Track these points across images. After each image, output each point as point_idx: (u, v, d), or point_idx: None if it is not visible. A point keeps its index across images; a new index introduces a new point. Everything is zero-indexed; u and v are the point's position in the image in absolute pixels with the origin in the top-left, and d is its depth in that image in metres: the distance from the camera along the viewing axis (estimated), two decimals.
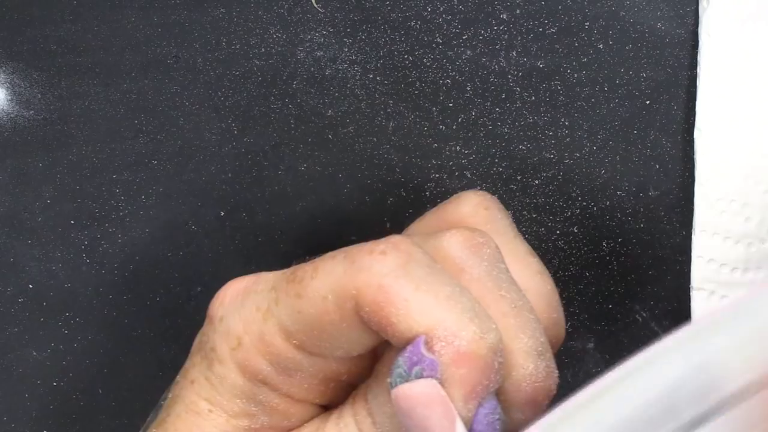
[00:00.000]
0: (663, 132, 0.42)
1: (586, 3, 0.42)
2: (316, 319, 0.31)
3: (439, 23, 0.42)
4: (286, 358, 0.32)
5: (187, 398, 0.34)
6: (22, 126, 0.43)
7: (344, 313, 0.30)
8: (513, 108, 0.42)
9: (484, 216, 0.34)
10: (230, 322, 0.33)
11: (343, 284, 0.30)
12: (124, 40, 0.42)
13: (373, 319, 0.30)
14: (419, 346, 0.29)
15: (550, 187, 0.43)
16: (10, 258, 0.43)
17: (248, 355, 0.32)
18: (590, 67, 0.42)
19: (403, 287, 0.30)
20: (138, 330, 0.44)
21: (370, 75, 0.42)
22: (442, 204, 0.35)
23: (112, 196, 0.43)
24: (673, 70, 0.42)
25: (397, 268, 0.30)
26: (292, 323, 0.31)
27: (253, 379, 0.32)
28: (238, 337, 0.32)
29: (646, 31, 0.42)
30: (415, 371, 0.29)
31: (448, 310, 0.29)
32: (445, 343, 0.29)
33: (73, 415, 0.44)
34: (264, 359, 0.32)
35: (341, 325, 0.31)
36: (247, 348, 0.32)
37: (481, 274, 0.31)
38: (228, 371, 0.32)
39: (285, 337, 0.32)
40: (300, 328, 0.31)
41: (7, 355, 0.44)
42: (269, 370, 0.32)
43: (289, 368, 0.32)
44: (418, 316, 0.29)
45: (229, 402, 0.33)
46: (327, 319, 0.31)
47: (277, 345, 0.32)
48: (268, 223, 0.43)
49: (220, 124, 0.43)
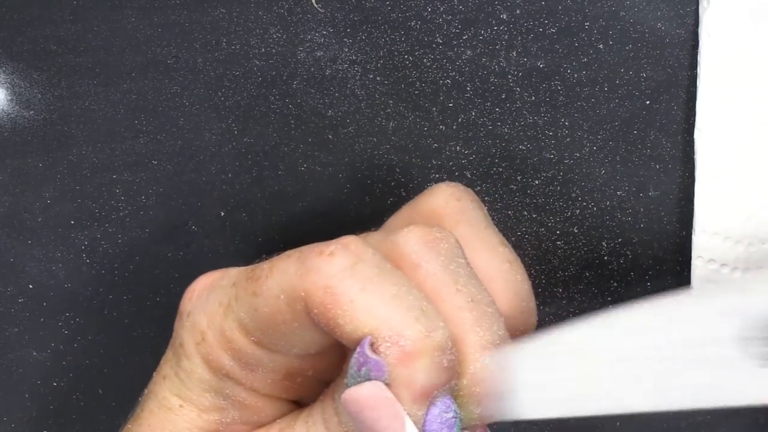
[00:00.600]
0: (663, 132, 0.42)
1: (586, 3, 0.42)
2: (271, 318, 0.31)
3: (439, 23, 0.42)
4: (247, 354, 0.32)
5: (159, 394, 0.34)
6: (22, 126, 0.43)
7: (295, 313, 0.31)
8: (513, 108, 0.42)
9: (456, 207, 0.35)
10: (196, 317, 0.33)
11: (293, 285, 0.30)
12: (124, 40, 0.42)
13: (322, 320, 0.30)
14: (364, 347, 0.29)
15: (550, 187, 0.43)
16: (10, 258, 0.43)
17: (212, 349, 0.32)
18: (590, 67, 0.42)
19: (348, 288, 0.30)
20: (138, 330, 0.44)
21: (370, 75, 0.42)
22: (417, 197, 0.36)
23: (112, 196, 0.43)
24: (673, 70, 0.42)
25: (345, 270, 0.30)
26: (250, 320, 0.32)
27: (218, 374, 0.33)
28: (202, 332, 0.33)
29: (646, 31, 0.42)
30: (363, 372, 0.29)
31: (394, 309, 0.29)
32: (390, 343, 0.29)
33: (73, 415, 0.44)
34: (226, 354, 0.32)
35: (293, 325, 0.31)
36: (210, 342, 0.32)
37: (437, 269, 0.31)
38: (195, 366, 0.33)
39: (244, 334, 0.32)
40: (257, 325, 0.32)
41: (7, 355, 0.44)
42: (232, 365, 0.32)
43: (251, 363, 0.32)
44: (363, 316, 0.29)
45: (198, 397, 0.33)
46: (280, 319, 0.31)
47: (237, 341, 0.32)
48: (268, 223, 0.43)
49: (220, 124, 0.43)
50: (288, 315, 0.31)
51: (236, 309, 0.32)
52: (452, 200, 0.35)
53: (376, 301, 0.30)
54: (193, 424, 0.33)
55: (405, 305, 0.30)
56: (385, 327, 0.29)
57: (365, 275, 0.30)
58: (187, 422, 0.33)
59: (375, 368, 0.29)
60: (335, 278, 0.30)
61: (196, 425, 0.33)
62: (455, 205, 0.35)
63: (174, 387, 0.34)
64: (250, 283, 0.32)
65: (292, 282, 0.30)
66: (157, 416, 0.34)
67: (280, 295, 0.31)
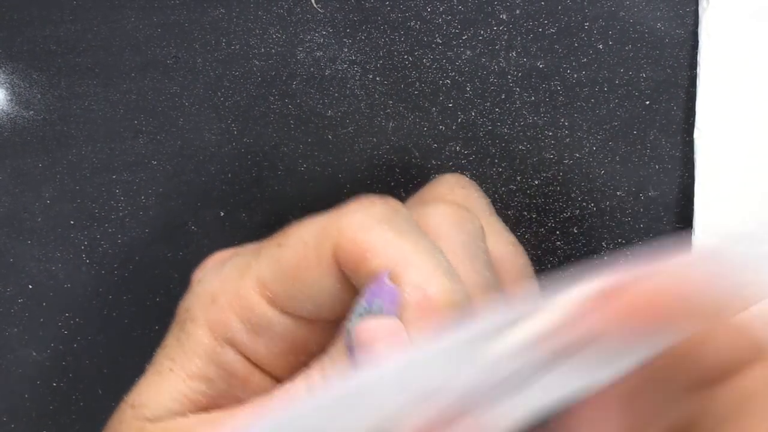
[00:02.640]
0: (663, 132, 0.42)
1: (585, 3, 0.42)
2: (293, 264, 0.31)
3: (438, 23, 0.42)
4: (258, 314, 0.32)
5: (156, 361, 0.34)
6: (22, 126, 0.43)
7: (321, 255, 0.31)
8: (513, 108, 0.42)
9: (461, 194, 0.35)
10: (207, 282, 0.33)
11: (327, 227, 0.31)
12: (124, 40, 0.42)
13: (350, 258, 0.30)
14: (384, 277, 0.29)
15: (550, 187, 0.43)
16: (10, 258, 0.43)
17: (221, 311, 0.33)
18: (590, 67, 0.42)
19: (385, 231, 0.30)
20: (138, 330, 0.44)
21: (370, 75, 0.42)
22: (423, 188, 0.36)
23: (112, 196, 0.43)
24: (673, 70, 0.42)
25: (383, 216, 0.30)
26: (269, 272, 0.32)
27: (221, 339, 0.33)
28: (213, 294, 0.33)
29: (646, 31, 0.42)
30: (375, 305, 0.29)
31: (425, 259, 0.30)
32: (415, 287, 0.29)
33: (73, 415, 0.44)
34: (236, 316, 0.32)
35: (315, 270, 0.31)
36: (221, 305, 0.33)
37: (457, 247, 0.32)
38: (197, 328, 0.33)
39: (260, 291, 0.32)
40: (276, 276, 0.32)
41: (7, 355, 0.44)
42: (239, 328, 0.32)
43: (260, 326, 0.32)
44: (396, 254, 0.30)
45: (189, 361, 0.33)
46: (304, 264, 0.31)
47: (251, 299, 0.32)
48: (268, 223, 0.43)
49: (219, 125, 0.43)
50: (313, 259, 0.31)
51: (255, 266, 0.32)
52: (457, 188, 0.35)
53: (410, 248, 0.30)
54: (177, 389, 0.33)
55: (436, 259, 0.30)
56: (415, 271, 0.29)
57: (402, 227, 0.30)
58: (171, 386, 0.33)
59: (389, 299, 0.29)
60: (373, 219, 0.30)
61: (179, 390, 0.33)
62: (461, 193, 0.35)
63: (171, 351, 0.34)
64: (276, 238, 0.32)
65: (325, 225, 0.31)
66: (147, 380, 0.34)
67: (308, 240, 0.31)
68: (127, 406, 0.34)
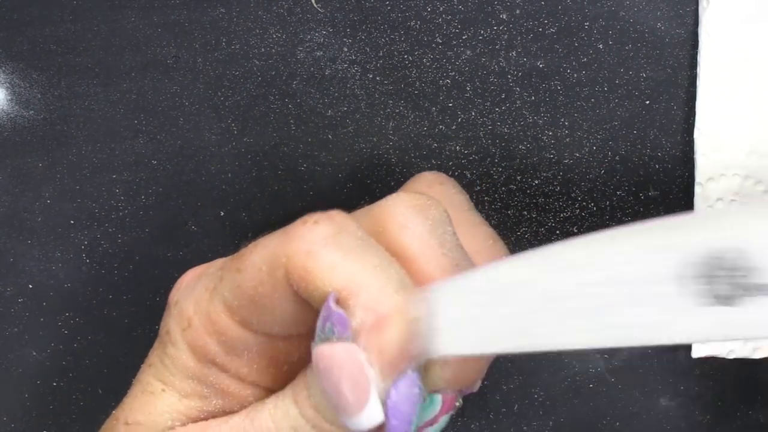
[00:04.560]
0: (663, 132, 0.42)
1: (586, 3, 0.42)
2: (253, 291, 0.31)
3: (438, 23, 0.42)
4: (232, 337, 0.32)
5: (143, 380, 0.34)
6: (22, 126, 0.43)
7: (276, 282, 0.31)
8: (513, 108, 0.42)
9: (439, 190, 0.35)
10: (183, 304, 0.33)
11: (276, 253, 0.30)
12: (124, 40, 0.42)
13: (301, 285, 0.30)
14: (330, 301, 0.29)
15: (550, 187, 0.43)
16: (10, 258, 0.43)
17: (197, 334, 0.32)
18: (590, 67, 0.42)
19: (330, 254, 0.30)
20: (138, 330, 0.44)
21: (370, 75, 0.42)
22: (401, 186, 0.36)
23: (112, 196, 0.43)
24: (673, 70, 0.42)
25: (328, 237, 0.30)
26: (233, 298, 0.32)
27: (203, 360, 0.33)
28: (189, 318, 0.33)
29: (646, 31, 0.42)
30: (327, 328, 0.29)
31: (374, 277, 0.29)
32: (367, 309, 0.29)
33: (73, 415, 0.44)
34: (212, 338, 0.32)
35: (274, 296, 0.31)
36: (196, 328, 0.32)
37: (423, 232, 0.31)
38: (180, 352, 0.33)
39: (229, 315, 0.32)
40: (240, 303, 0.32)
41: (7, 355, 0.44)
42: (218, 350, 0.32)
43: (237, 347, 0.32)
44: (343, 279, 0.29)
45: (181, 382, 0.33)
46: (261, 291, 0.31)
47: (222, 323, 0.32)
48: (268, 223, 0.43)
49: (219, 124, 0.43)
50: (269, 285, 0.31)
51: (221, 289, 0.32)
52: (435, 184, 0.35)
53: (358, 269, 0.29)
54: (174, 408, 0.33)
55: (385, 275, 0.29)
56: (364, 293, 0.29)
57: (348, 245, 0.30)
58: (167, 406, 0.33)
59: (338, 322, 0.29)
60: (318, 244, 0.30)
61: (176, 409, 0.33)
62: (439, 189, 0.35)
63: (158, 373, 0.34)
64: (234, 261, 0.32)
65: (275, 251, 0.30)
66: (139, 400, 0.34)
67: (262, 266, 0.31)
68: (119, 423, 0.34)
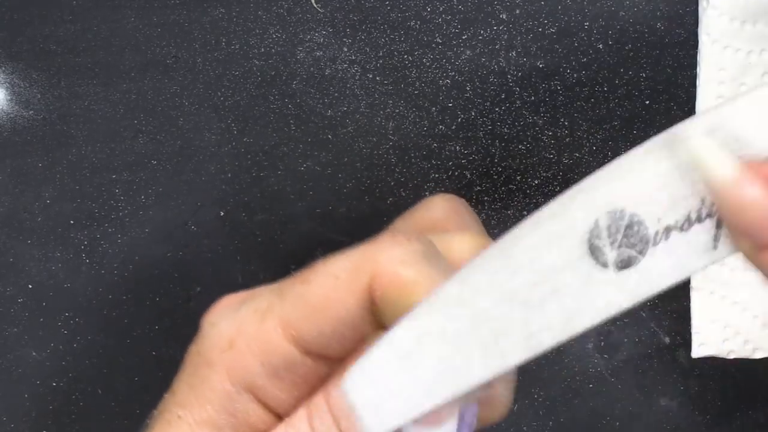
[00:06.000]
0: (663, 132, 0.42)
1: (586, 3, 0.42)
2: (322, 298, 0.31)
3: (438, 23, 0.42)
4: (280, 356, 0.32)
5: (165, 408, 0.34)
6: (22, 126, 0.43)
7: (355, 288, 0.31)
8: (513, 108, 0.42)
9: (456, 221, 0.35)
10: (222, 326, 0.33)
11: (361, 261, 0.31)
12: (124, 40, 0.42)
13: (390, 291, 0.30)
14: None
15: (550, 187, 0.43)
16: (10, 258, 0.43)
17: (240, 355, 0.32)
18: (590, 67, 0.42)
19: (426, 267, 0.30)
20: (138, 330, 0.44)
21: (370, 75, 0.42)
22: (411, 211, 0.36)
23: (112, 196, 0.43)
24: (673, 70, 0.42)
25: (423, 253, 0.31)
26: (295, 309, 0.31)
27: (239, 384, 0.32)
28: (231, 339, 0.32)
29: (646, 31, 0.42)
30: None
31: None
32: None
33: (73, 415, 0.44)
34: (256, 359, 0.32)
35: (348, 303, 0.31)
36: (240, 349, 0.32)
37: None
38: (214, 374, 0.32)
39: (284, 330, 0.32)
40: (303, 313, 0.31)
41: (7, 355, 0.44)
42: (260, 372, 0.32)
43: (281, 369, 0.32)
44: None
45: (200, 406, 0.33)
46: (334, 297, 0.31)
47: (273, 341, 0.32)
48: (268, 223, 0.43)
49: (219, 124, 0.43)
50: (344, 292, 0.31)
51: (278, 307, 0.32)
52: (452, 213, 0.36)
53: None
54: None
55: None
56: None
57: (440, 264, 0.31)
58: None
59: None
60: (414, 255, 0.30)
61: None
62: (455, 219, 0.36)
63: (179, 398, 0.33)
64: (301, 275, 0.32)
65: (360, 258, 0.31)
66: (155, 430, 0.34)
67: (340, 274, 0.31)
68: None
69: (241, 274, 0.43)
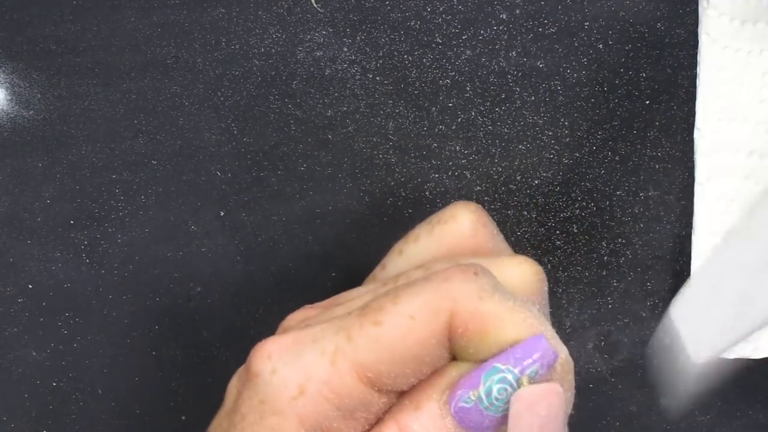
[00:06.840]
0: (663, 132, 0.42)
1: (586, 3, 0.42)
2: (400, 341, 0.31)
3: (438, 23, 0.42)
4: (355, 398, 0.31)
5: None
6: (22, 126, 0.43)
7: (434, 327, 0.31)
8: (513, 108, 0.42)
9: (484, 235, 0.35)
10: (287, 372, 0.32)
11: (437, 300, 0.31)
12: (124, 40, 0.42)
13: (472, 328, 0.30)
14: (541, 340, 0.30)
15: (550, 187, 0.43)
16: (10, 258, 0.43)
17: (313, 401, 0.32)
18: (590, 67, 0.42)
19: (503, 301, 0.31)
20: (138, 330, 0.44)
21: (370, 75, 0.42)
22: (435, 221, 0.36)
23: (112, 196, 0.43)
24: (673, 70, 0.42)
25: (494, 286, 0.31)
26: (369, 354, 0.31)
27: (313, 428, 0.32)
28: (300, 386, 0.32)
29: (646, 31, 0.42)
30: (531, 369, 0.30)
31: (545, 326, 0.31)
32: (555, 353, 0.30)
33: (73, 415, 0.44)
34: (331, 405, 0.32)
35: (429, 342, 0.31)
36: (312, 395, 0.32)
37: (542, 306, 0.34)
38: (285, 422, 0.32)
39: (357, 374, 0.31)
40: (379, 357, 0.31)
41: (7, 355, 0.44)
42: (335, 416, 0.32)
43: (357, 410, 0.32)
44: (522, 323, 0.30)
45: None
46: (413, 338, 0.31)
47: (348, 384, 0.31)
48: (268, 223, 0.43)
49: (219, 124, 0.43)
50: (424, 333, 0.31)
51: (349, 350, 0.31)
52: (479, 227, 0.36)
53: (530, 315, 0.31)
54: None
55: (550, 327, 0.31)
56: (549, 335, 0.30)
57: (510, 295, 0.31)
58: None
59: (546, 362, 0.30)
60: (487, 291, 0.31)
61: None
62: (483, 232, 0.36)
63: None
64: (369, 316, 0.32)
65: (434, 297, 0.31)
66: None
67: (414, 314, 0.31)
68: None
69: (241, 274, 0.43)
